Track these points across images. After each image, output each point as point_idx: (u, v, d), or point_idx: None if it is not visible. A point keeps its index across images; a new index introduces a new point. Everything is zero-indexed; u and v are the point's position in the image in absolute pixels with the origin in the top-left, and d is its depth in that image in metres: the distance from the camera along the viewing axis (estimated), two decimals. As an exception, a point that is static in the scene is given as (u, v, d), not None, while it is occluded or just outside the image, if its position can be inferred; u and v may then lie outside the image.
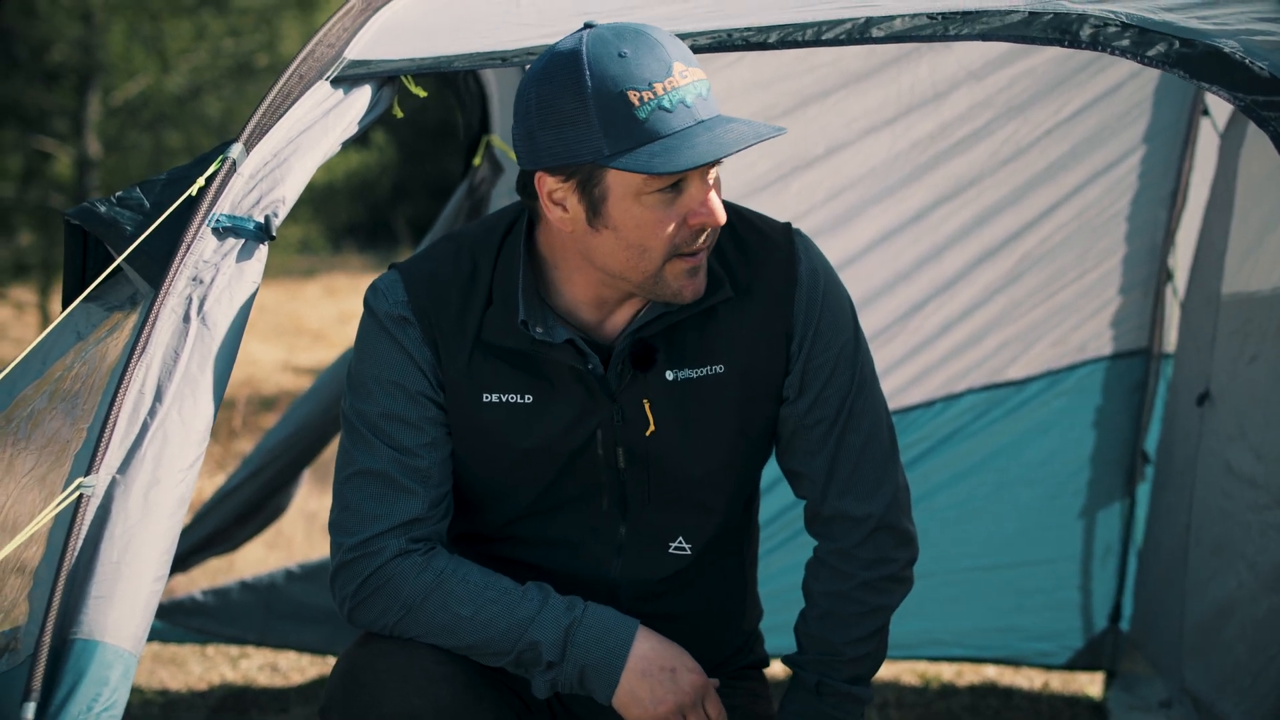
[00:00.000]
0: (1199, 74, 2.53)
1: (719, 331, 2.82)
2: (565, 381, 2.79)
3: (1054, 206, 4.85)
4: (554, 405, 2.79)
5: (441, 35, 3.18)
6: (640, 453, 2.83)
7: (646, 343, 2.78)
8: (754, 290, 2.83)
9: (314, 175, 2.99)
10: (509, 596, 2.74)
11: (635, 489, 2.85)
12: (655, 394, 2.81)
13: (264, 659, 5.51)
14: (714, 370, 2.83)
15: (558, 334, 2.74)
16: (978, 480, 5.08)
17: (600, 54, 2.54)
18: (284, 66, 3.00)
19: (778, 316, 2.84)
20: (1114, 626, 5.19)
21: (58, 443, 2.63)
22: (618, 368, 2.78)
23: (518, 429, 2.80)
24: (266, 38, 15.25)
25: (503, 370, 2.79)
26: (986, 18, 2.70)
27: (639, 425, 2.81)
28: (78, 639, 2.33)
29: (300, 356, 15.11)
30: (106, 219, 2.78)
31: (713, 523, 2.92)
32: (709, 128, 2.57)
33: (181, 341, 2.62)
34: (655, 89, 2.54)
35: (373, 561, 2.74)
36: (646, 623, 2.85)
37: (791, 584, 4.92)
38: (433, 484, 2.78)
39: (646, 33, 2.58)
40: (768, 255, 2.85)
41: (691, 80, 2.57)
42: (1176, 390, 4.65)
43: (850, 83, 4.56)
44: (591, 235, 2.65)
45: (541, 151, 2.60)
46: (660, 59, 2.55)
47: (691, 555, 2.91)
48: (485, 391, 2.79)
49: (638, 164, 2.53)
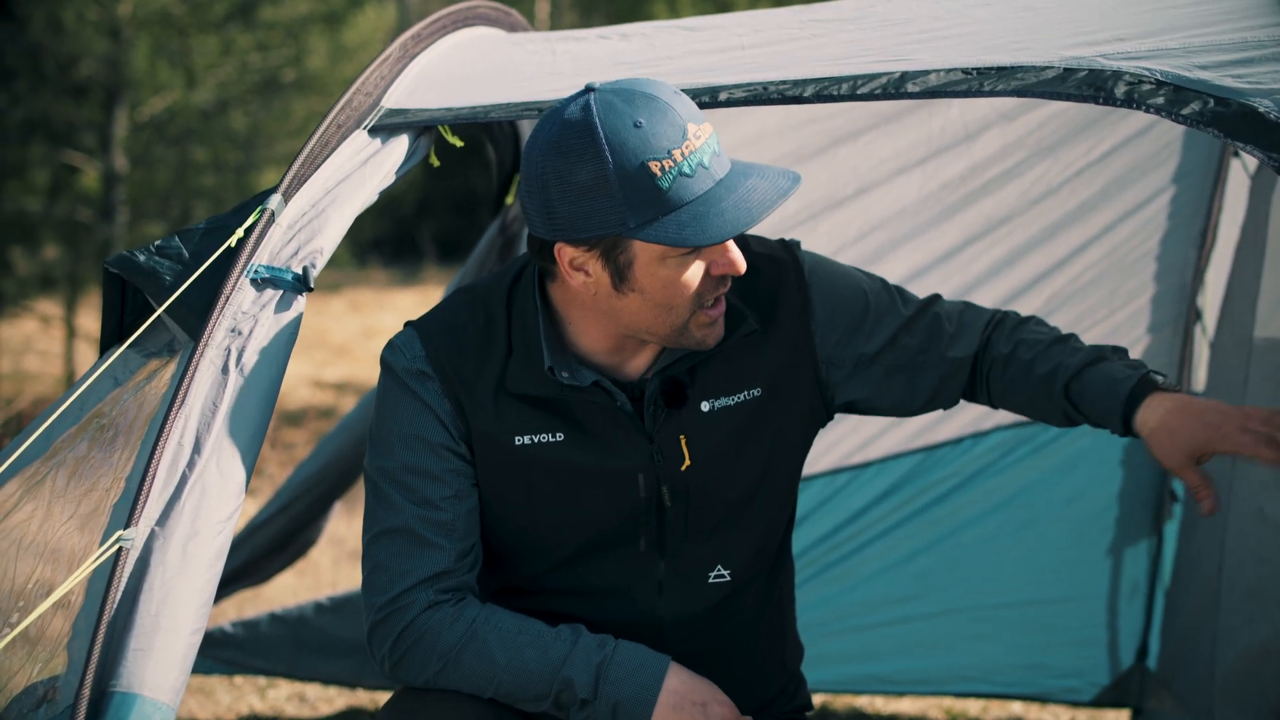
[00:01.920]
0: (1233, 133, 2.53)
1: (751, 357, 2.87)
2: (596, 422, 2.81)
3: (1084, 246, 4.85)
4: (587, 442, 2.82)
5: (478, 84, 3.20)
6: (680, 488, 2.85)
7: (676, 379, 2.81)
8: (776, 314, 2.88)
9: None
10: (542, 639, 2.76)
11: (674, 525, 2.87)
12: (691, 427, 2.84)
13: (292, 689, 5.52)
14: (751, 394, 2.87)
15: (584, 377, 2.77)
16: (1005, 517, 5.08)
17: (616, 125, 2.55)
18: (312, 85, 3.02)
19: (800, 331, 2.90)
20: (1141, 664, 5.18)
21: (96, 491, 2.64)
22: (650, 408, 2.81)
23: (553, 466, 2.82)
24: (293, 53, 15.26)
25: (531, 414, 2.81)
26: (1021, 74, 2.71)
27: (676, 461, 2.84)
28: (116, 691, 2.34)
29: (326, 372, 15.12)
30: (145, 268, 2.79)
31: (750, 543, 2.94)
32: (730, 187, 2.59)
33: (220, 393, 2.63)
34: (674, 156, 2.56)
35: (405, 616, 2.75)
36: (691, 660, 2.88)
37: (822, 618, 5.00)
38: (458, 536, 2.80)
39: (655, 96, 2.59)
40: (780, 277, 2.91)
41: (705, 139, 2.59)
42: (1208, 433, 4.64)
43: (881, 124, 4.57)
44: (617, 298, 2.68)
45: (561, 224, 2.61)
46: (674, 124, 2.57)
47: (731, 581, 2.93)
48: (517, 434, 2.81)
49: (667, 236, 2.55)
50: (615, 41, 3.45)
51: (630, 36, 3.48)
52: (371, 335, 16.80)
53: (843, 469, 5.04)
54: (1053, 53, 2.76)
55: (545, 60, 3.34)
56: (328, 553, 7.31)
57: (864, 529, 5.11)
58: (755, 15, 3.52)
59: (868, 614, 5.19)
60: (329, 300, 19.28)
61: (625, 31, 3.55)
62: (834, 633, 5.11)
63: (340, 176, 2.94)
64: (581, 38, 3.54)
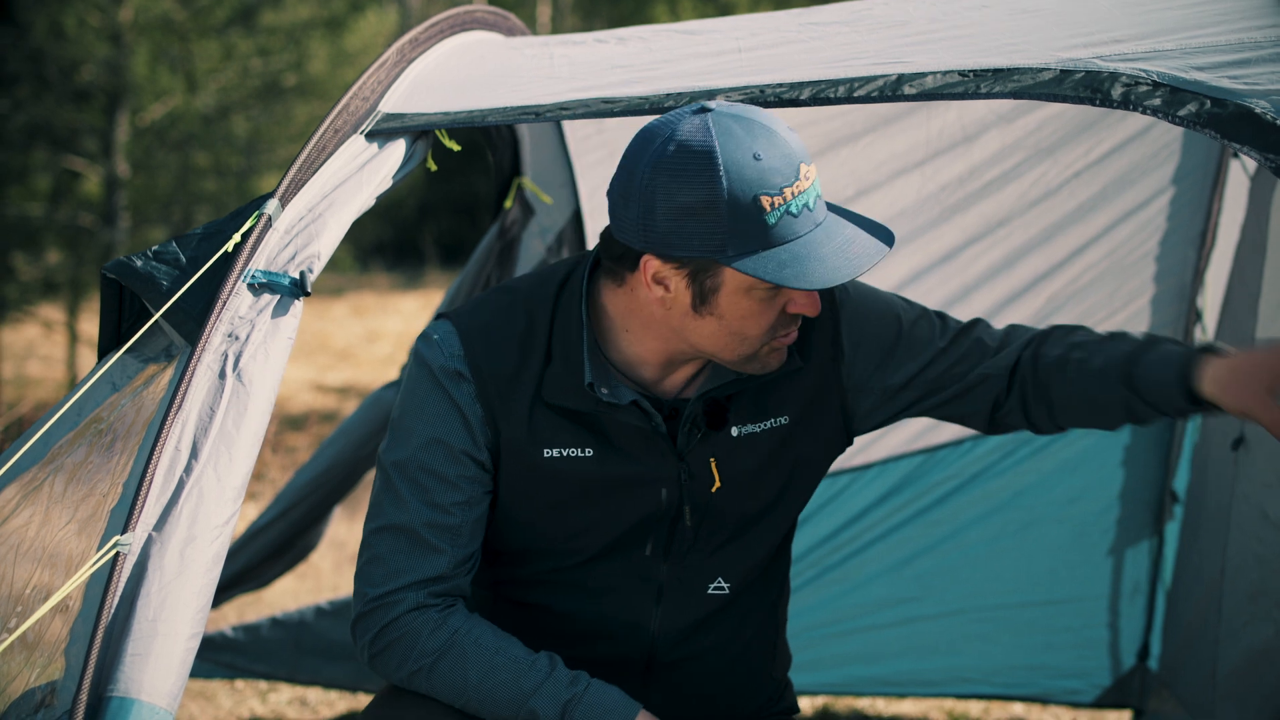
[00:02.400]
0: (1230, 134, 2.53)
1: (782, 383, 2.86)
2: (627, 438, 2.81)
3: (1083, 247, 4.85)
4: (616, 460, 2.82)
5: (475, 89, 3.19)
6: (703, 506, 2.86)
7: (719, 402, 2.81)
8: (809, 342, 2.87)
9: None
10: (517, 664, 2.76)
11: (683, 536, 2.88)
12: (722, 451, 2.84)
13: (293, 693, 5.52)
14: (779, 422, 2.87)
15: (623, 395, 2.76)
16: (1006, 518, 5.08)
17: (736, 157, 2.53)
18: (313, 89, 3.02)
19: (827, 354, 2.88)
20: (1142, 665, 5.19)
21: (94, 496, 2.64)
22: (686, 427, 2.81)
23: (579, 480, 2.82)
24: (294, 58, 15.27)
25: (563, 426, 2.80)
26: (1018, 75, 2.71)
27: (705, 482, 2.84)
28: (114, 696, 2.33)
29: (328, 376, 15.13)
30: (143, 274, 2.79)
31: (753, 560, 2.95)
32: (829, 234, 2.60)
33: (217, 398, 2.63)
34: (785, 194, 2.55)
35: (390, 612, 2.77)
36: (680, 666, 2.89)
37: (818, 621, 5.00)
38: (461, 543, 2.80)
39: (774, 130, 2.58)
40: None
41: (812, 180, 2.59)
42: (1209, 433, 4.64)
43: (880, 126, 4.57)
44: (693, 318, 2.67)
45: (658, 238, 2.59)
46: (789, 160, 2.56)
47: (728, 594, 2.94)
48: (546, 447, 2.80)
49: (766, 272, 2.54)
50: (612, 45, 3.46)
51: (627, 40, 3.48)
52: (373, 339, 16.82)
53: (843, 471, 5.04)
54: (1049, 54, 2.75)
55: (542, 64, 3.34)
56: (328, 556, 7.31)
57: (865, 531, 5.11)
58: (752, 19, 3.52)
59: (869, 615, 5.19)
60: (331, 304, 19.30)
61: (622, 35, 3.55)
62: (835, 635, 5.12)
63: (337, 181, 2.93)
64: (579, 42, 3.54)
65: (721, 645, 2.99)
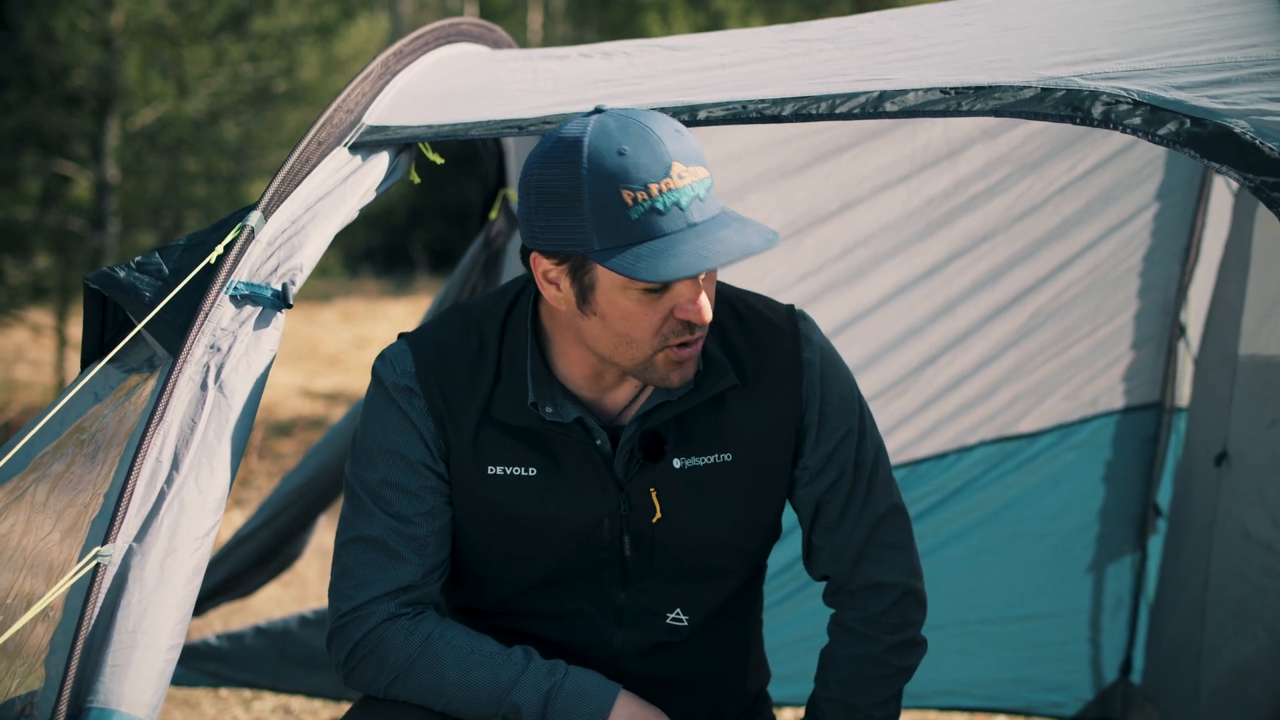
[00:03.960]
0: (1209, 154, 2.53)
1: (727, 419, 2.85)
2: (571, 458, 2.82)
3: (1067, 262, 4.86)
4: (558, 481, 2.83)
5: (459, 102, 3.20)
6: (646, 537, 2.86)
7: (656, 433, 2.81)
8: (761, 377, 2.86)
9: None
10: (493, 660, 2.78)
11: (637, 566, 2.89)
12: (662, 482, 2.84)
13: (277, 701, 5.52)
14: (722, 458, 2.86)
15: (567, 413, 2.78)
16: (989, 533, 5.08)
17: (601, 148, 2.54)
18: (304, 95, 3.02)
19: (786, 404, 2.87)
20: (1125, 679, 5.20)
21: (75, 507, 2.64)
22: (625, 456, 2.81)
23: (521, 501, 2.83)
24: (285, 63, 15.26)
25: (509, 445, 2.82)
26: (999, 93, 2.72)
27: (646, 512, 2.85)
28: (94, 708, 2.34)
29: (316, 381, 15.11)
30: (125, 284, 2.80)
31: (713, 598, 2.96)
32: (700, 233, 2.55)
33: (199, 410, 2.63)
34: (650, 190, 2.53)
35: (363, 626, 2.79)
36: (648, 683, 2.91)
37: (799, 635, 4.99)
38: (428, 552, 2.82)
39: (651, 128, 2.56)
40: (774, 342, 2.88)
41: (690, 181, 2.56)
42: (1192, 448, 4.66)
43: (864, 140, 4.58)
44: (582, 318, 2.68)
45: (538, 233, 2.62)
46: (660, 159, 2.54)
47: (688, 626, 2.95)
48: (490, 464, 2.83)
49: (623, 266, 2.53)
50: (597, 60, 3.47)
51: (612, 55, 3.49)
52: (363, 345, 16.80)
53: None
54: (1031, 72, 2.76)
55: (526, 78, 3.35)
56: (313, 564, 7.31)
57: (848, 544, 5.11)
58: (736, 35, 3.53)
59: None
60: (320, 310, 19.28)
61: (607, 50, 3.56)
62: (818, 647, 5.07)
63: (321, 194, 2.94)
64: (564, 56, 3.55)
65: (686, 667, 3.01)
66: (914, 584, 3.02)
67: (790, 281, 4.70)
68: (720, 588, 2.96)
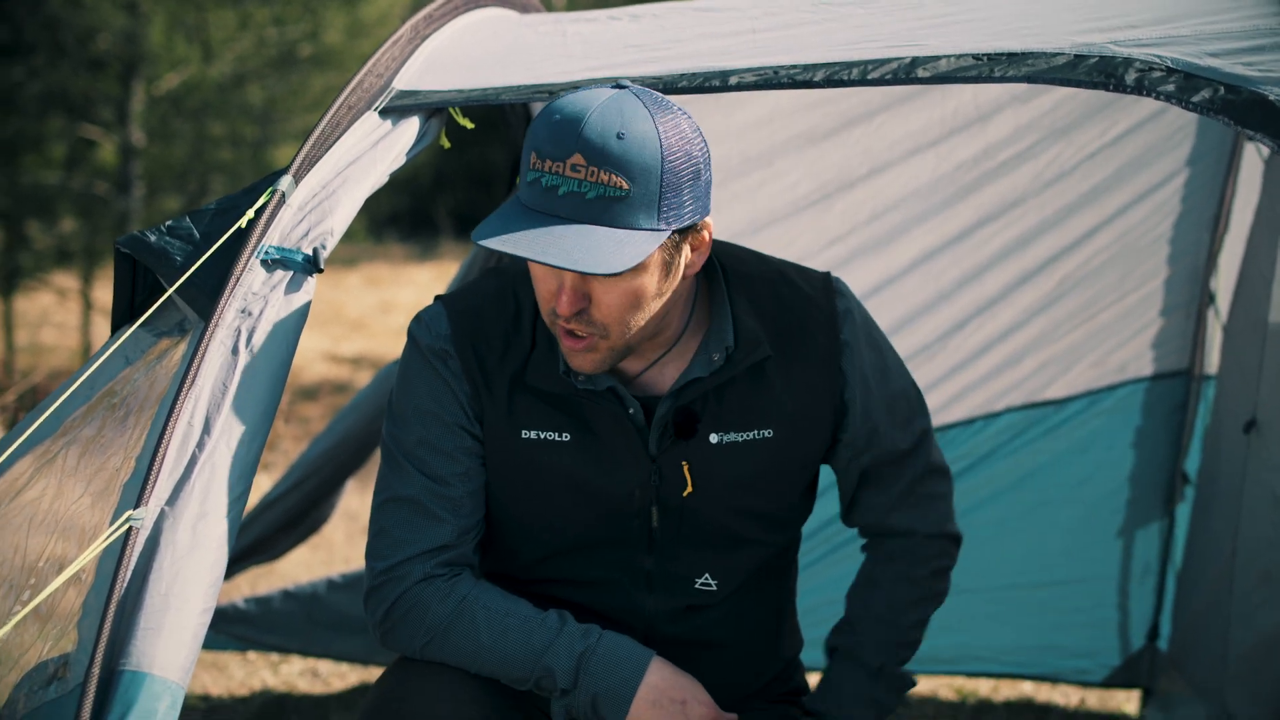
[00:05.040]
0: (1243, 120, 2.52)
1: (767, 394, 2.86)
2: (605, 427, 2.83)
3: (1096, 228, 4.84)
4: (591, 447, 2.84)
5: (488, 66, 3.20)
6: (675, 509, 2.88)
7: (689, 410, 2.83)
8: (799, 353, 2.88)
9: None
10: (528, 624, 2.79)
11: (664, 535, 2.90)
12: (696, 456, 2.85)
13: (305, 665, 5.54)
14: (762, 434, 2.87)
15: (599, 381, 2.79)
16: (1016, 499, 5.08)
17: (553, 108, 2.59)
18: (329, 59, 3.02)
19: (825, 377, 2.89)
20: (1151, 645, 5.19)
21: (106, 471, 2.65)
22: (659, 431, 2.83)
23: (554, 464, 2.85)
24: (310, 27, 15.25)
25: (543, 410, 2.84)
26: (1032, 60, 2.71)
27: (677, 485, 2.86)
28: (126, 670, 2.35)
29: (342, 346, 15.13)
30: (156, 249, 2.80)
31: (744, 566, 2.97)
32: (542, 222, 2.56)
33: (230, 374, 2.64)
34: (545, 164, 2.55)
35: (399, 586, 2.81)
36: (682, 646, 2.93)
37: (829, 599, 4.97)
38: (464, 513, 2.84)
39: (586, 115, 2.55)
40: (811, 314, 2.89)
41: (580, 177, 2.54)
42: (1221, 415, 4.64)
43: (894, 105, 4.56)
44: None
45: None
46: (567, 143, 2.54)
47: (718, 591, 2.96)
48: (524, 428, 2.84)
49: (487, 219, 2.60)
50: (625, 23, 3.45)
51: (641, 18, 3.48)
52: (388, 310, 16.81)
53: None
54: (1064, 39, 2.75)
55: (556, 42, 3.34)
56: (341, 528, 7.33)
57: (875, 510, 5.11)
58: (767, -2, 3.51)
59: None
60: (345, 275, 19.30)
61: (636, 13, 3.54)
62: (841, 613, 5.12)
63: (351, 158, 2.94)
64: (592, 19, 3.54)
65: (719, 631, 3.02)
66: (952, 528, 3.12)
67: (819, 247, 4.69)
68: (751, 556, 2.97)
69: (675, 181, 2.58)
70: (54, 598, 2.50)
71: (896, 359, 3.03)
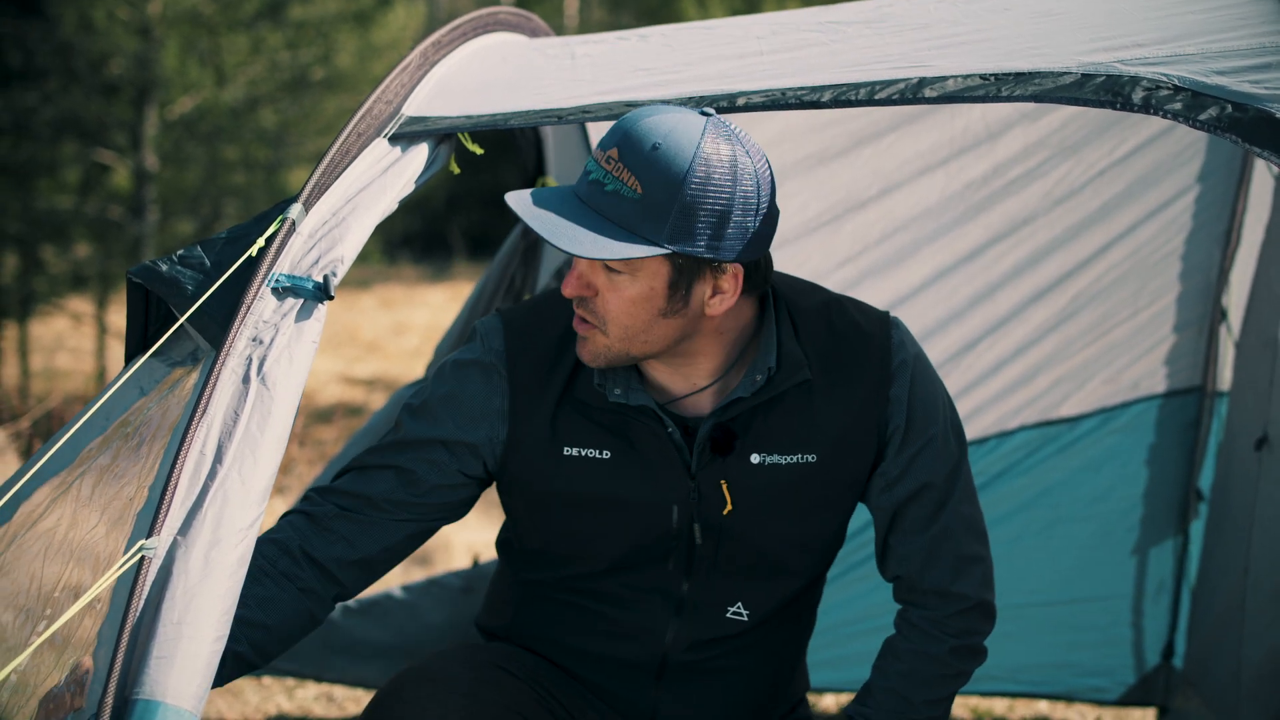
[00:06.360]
0: (1250, 138, 2.52)
1: (812, 419, 2.89)
2: (646, 443, 2.87)
3: (1107, 246, 4.85)
4: (632, 463, 2.88)
5: (498, 91, 3.21)
6: (715, 527, 2.90)
7: (728, 428, 2.85)
8: (847, 380, 2.90)
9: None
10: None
11: (704, 556, 2.92)
12: (736, 475, 2.87)
13: (320, 690, 5.55)
14: (805, 459, 2.89)
15: (635, 397, 2.83)
16: (1031, 517, 5.07)
17: (639, 111, 2.71)
18: (341, 83, 3.06)
19: (870, 409, 2.90)
20: (1167, 663, 5.19)
21: (120, 499, 2.66)
22: (699, 448, 2.85)
23: (594, 484, 2.89)
24: (323, 51, 15.32)
25: (586, 427, 2.88)
26: (1039, 79, 2.71)
27: (716, 504, 2.88)
28: (140, 699, 2.35)
29: (356, 368, 15.18)
30: (168, 278, 2.81)
31: (776, 595, 2.98)
32: (563, 198, 2.72)
33: (241, 402, 2.64)
34: (596, 151, 2.70)
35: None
36: (692, 675, 2.99)
37: (842, 620, 5.00)
38: (368, 525, 2.93)
39: (645, 121, 2.68)
40: (862, 346, 2.91)
41: (609, 170, 2.67)
42: (1233, 432, 4.64)
43: (903, 124, 4.57)
44: None
45: None
46: (615, 138, 2.68)
47: (748, 621, 2.97)
48: (566, 445, 2.88)
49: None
50: (634, 43, 3.46)
51: (649, 38, 3.49)
52: (401, 332, 16.85)
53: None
54: (1070, 58, 2.75)
55: (565, 65, 3.35)
56: (355, 552, 7.32)
57: (891, 528, 5.11)
58: (773, 17, 3.52)
59: (894, 614, 5.18)
60: (359, 297, 19.34)
61: (644, 34, 3.55)
62: (860, 633, 5.11)
63: (361, 185, 2.94)
64: (601, 41, 3.55)
65: (737, 664, 3.03)
66: (986, 596, 3.03)
67: (830, 267, 4.70)
68: (783, 586, 2.99)
69: (692, 206, 2.63)
70: (69, 626, 2.50)
71: (949, 405, 3.01)
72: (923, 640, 3.01)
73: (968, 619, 3.00)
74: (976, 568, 3.01)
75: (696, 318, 2.76)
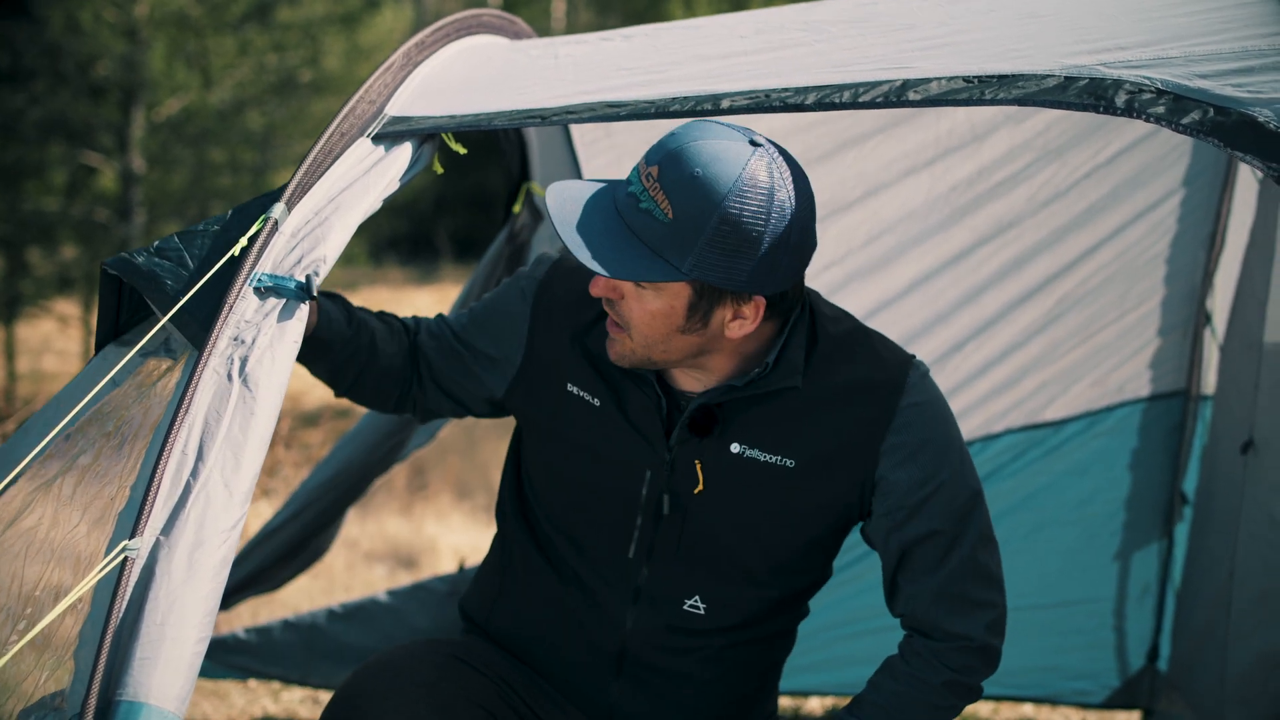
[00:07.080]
0: (1233, 142, 2.52)
1: (799, 428, 2.91)
2: (635, 407, 2.96)
3: (1093, 249, 4.85)
4: (617, 420, 2.96)
5: (481, 91, 3.20)
6: (683, 505, 2.93)
7: (710, 410, 2.89)
8: (846, 404, 2.90)
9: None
10: None
11: (667, 538, 2.95)
12: (713, 458, 2.92)
13: (306, 693, 5.54)
14: (784, 462, 2.90)
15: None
16: (1016, 520, 5.07)
17: (689, 129, 2.75)
18: (328, 85, 3.06)
19: (865, 440, 2.90)
20: (1151, 666, 5.19)
21: (102, 499, 2.65)
22: (682, 424, 2.90)
23: (582, 426, 2.99)
24: (310, 53, 15.31)
25: (589, 372, 3.00)
26: (1022, 82, 2.71)
27: (689, 481, 2.93)
28: (123, 700, 2.34)
29: (342, 371, 15.13)
30: (145, 270, 2.79)
31: (740, 602, 3.00)
32: (603, 202, 2.78)
33: (224, 403, 2.63)
34: (641, 162, 2.75)
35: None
36: (656, 677, 3.04)
37: (834, 621, 5.00)
38: (434, 338, 3.24)
39: (693, 144, 2.72)
40: (871, 378, 2.92)
41: (646, 186, 2.71)
42: (1218, 436, 4.64)
43: (889, 126, 4.57)
44: None
45: None
46: (658, 155, 2.73)
47: (704, 616, 3.00)
48: (570, 381, 3.01)
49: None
50: (618, 43, 3.46)
51: (633, 38, 3.49)
52: (388, 334, 16.80)
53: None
54: (1054, 61, 2.75)
55: (548, 65, 3.34)
56: (341, 555, 7.32)
57: (877, 531, 5.11)
58: (757, 15, 3.51)
59: (880, 617, 5.10)
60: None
61: (628, 34, 3.55)
62: (846, 636, 5.11)
63: (344, 184, 2.94)
64: (584, 41, 3.55)
65: (697, 673, 3.06)
66: (991, 641, 3.03)
67: (815, 271, 4.69)
68: (749, 595, 3.00)
69: (719, 241, 2.66)
70: (51, 627, 2.50)
71: (963, 453, 2.99)
72: (921, 667, 3.00)
73: (969, 656, 3.00)
74: (985, 613, 3.00)
75: (715, 337, 2.81)
